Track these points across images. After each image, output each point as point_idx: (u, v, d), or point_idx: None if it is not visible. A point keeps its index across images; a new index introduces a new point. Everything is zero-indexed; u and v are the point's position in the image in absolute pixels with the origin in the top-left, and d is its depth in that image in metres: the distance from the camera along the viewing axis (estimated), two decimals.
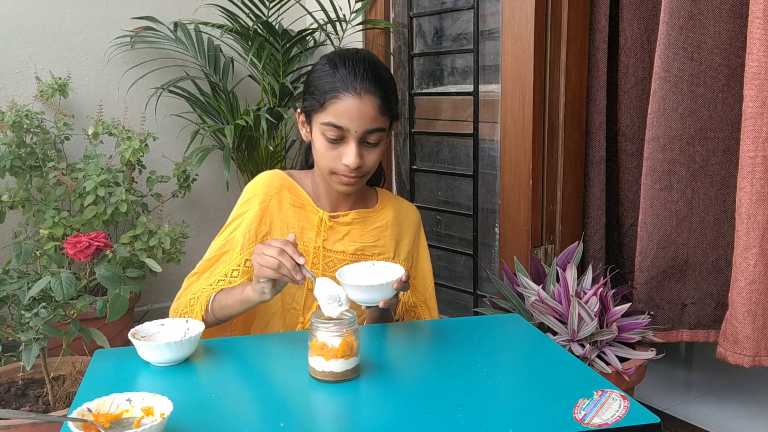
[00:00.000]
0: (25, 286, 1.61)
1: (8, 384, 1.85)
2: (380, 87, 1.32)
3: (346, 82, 1.31)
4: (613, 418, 0.93)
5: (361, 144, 1.34)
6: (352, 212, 1.47)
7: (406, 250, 1.51)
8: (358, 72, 1.31)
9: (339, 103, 1.31)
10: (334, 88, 1.31)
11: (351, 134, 1.32)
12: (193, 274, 1.44)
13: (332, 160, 1.35)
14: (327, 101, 1.32)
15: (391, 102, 1.35)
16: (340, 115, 1.31)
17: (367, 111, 1.31)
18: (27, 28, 2.55)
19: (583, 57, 2.09)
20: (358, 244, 1.46)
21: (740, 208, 1.70)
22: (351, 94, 1.30)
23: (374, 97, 1.31)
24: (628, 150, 2.18)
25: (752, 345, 1.73)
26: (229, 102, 2.69)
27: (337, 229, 1.45)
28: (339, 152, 1.34)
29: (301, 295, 1.44)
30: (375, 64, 1.35)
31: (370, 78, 1.31)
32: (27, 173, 2.31)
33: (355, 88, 1.30)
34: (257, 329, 1.48)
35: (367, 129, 1.32)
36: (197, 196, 2.88)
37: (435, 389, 1.05)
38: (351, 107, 1.30)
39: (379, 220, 1.49)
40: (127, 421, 0.92)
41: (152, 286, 2.80)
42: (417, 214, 1.56)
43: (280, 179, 1.46)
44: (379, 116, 1.33)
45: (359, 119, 1.31)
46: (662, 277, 2.00)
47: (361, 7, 2.64)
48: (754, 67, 1.62)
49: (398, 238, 1.51)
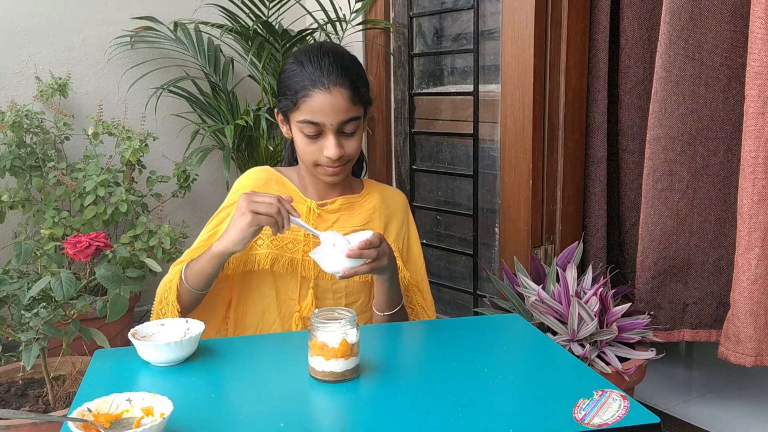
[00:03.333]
0: (25, 286, 1.61)
1: (8, 384, 1.85)
2: (348, 77, 1.36)
3: (313, 78, 1.35)
4: (613, 418, 0.93)
5: (338, 135, 1.38)
6: (340, 198, 1.50)
7: (395, 232, 1.54)
8: (324, 66, 1.35)
9: (310, 100, 1.35)
10: (304, 86, 1.35)
11: (327, 128, 1.36)
12: (177, 263, 1.45)
13: (314, 154, 1.39)
14: (299, 100, 1.36)
15: (360, 90, 1.39)
16: (314, 111, 1.35)
17: (339, 103, 1.35)
18: (27, 28, 2.55)
19: (584, 57, 2.09)
20: (348, 229, 1.48)
21: (742, 208, 1.70)
22: (320, 90, 1.34)
23: (343, 89, 1.35)
24: (629, 150, 2.18)
25: (754, 345, 1.73)
26: (229, 102, 2.69)
27: (325, 217, 1.48)
28: (319, 146, 1.38)
29: (295, 284, 1.46)
30: (340, 56, 1.39)
31: (337, 70, 1.35)
32: (27, 173, 2.31)
33: (323, 83, 1.34)
34: (252, 321, 1.49)
35: (342, 120, 1.36)
36: (197, 196, 2.89)
37: (435, 389, 1.05)
38: (323, 102, 1.34)
39: (366, 204, 1.52)
40: (127, 421, 0.92)
41: (152, 286, 2.77)
42: (404, 198, 1.59)
43: (267, 173, 1.51)
44: (351, 106, 1.37)
45: (333, 113, 1.35)
46: (664, 276, 2.00)
47: (361, 7, 2.64)
48: (755, 67, 1.62)
49: (386, 221, 1.53)
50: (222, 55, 2.78)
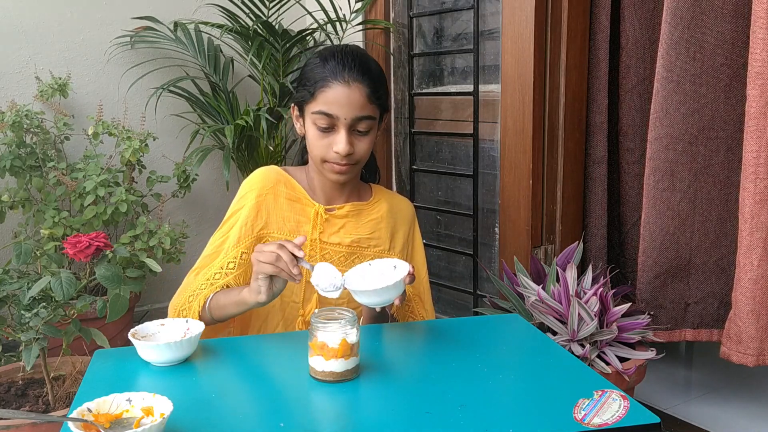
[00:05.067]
0: (25, 286, 1.61)
1: (8, 384, 1.85)
2: (368, 76, 1.37)
3: (335, 71, 1.36)
4: (613, 418, 0.93)
5: (351, 132, 1.38)
6: (348, 205, 1.49)
7: (401, 243, 1.53)
8: (347, 62, 1.36)
9: (328, 91, 1.35)
10: (324, 78, 1.36)
11: (341, 122, 1.36)
12: (193, 270, 1.45)
13: (324, 149, 1.39)
14: (317, 90, 1.37)
15: (379, 91, 1.39)
16: (330, 102, 1.35)
17: (356, 98, 1.35)
18: (27, 28, 2.55)
19: (584, 57, 2.09)
20: (354, 236, 1.48)
21: (743, 208, 1.70)
22: (339, 82, 1.35)
23: (362, 85, 1.36)
24: (630, 149, 2.18)
25: (756, 344, 1.73)
26: (229, 102, 2.69)
27: (332, 222, 1.47)
28: (330, 141, 1.38)
29: (300, 287, 1.45)
30: (364, 57, 1.41)
31: (358, 68, 1.36)
32: (27, 173, 2.31)
33: (343, 76, 1.35)
34: (256, 324, 1.49)
35: (356, 116, 1.36)
36: (197, 196, 2.88)
37: (435, 389, 1.05)
38: (339, 95, 1.35)
39: (374, 212, 1.51)
40: (127, 421, 0.92)
41: (152, 286, 2.79)
42: (411, 208, 1.59)
43: (276, 174, 1.49)
44: (368, 104, 1.37)
45: (348, 106, 1.35)
46: (665, 276, 2.00)
47: (361, 7, 2.64)
48: (757, 66, 1.62)
49: (393, 230, 1.53)
50: (222, 55, 2.78)
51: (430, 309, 1.56)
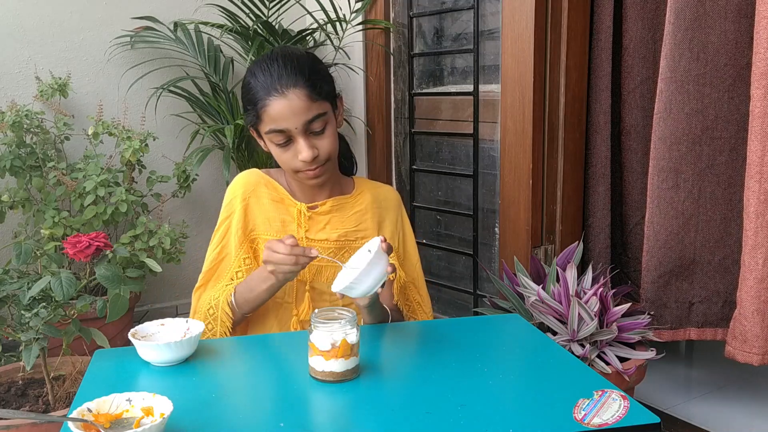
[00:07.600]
0: (25, 286, 1.61)
1: (8, 384, 1.85)
2: (301, 76, 1.33)
3: (267, 87, 1.33)
4: (613, 418, 0.93)
5: (308, 136, 1.36)
6: (330, 200, 1.49)
7: (390, 230, 1.53)
8: (273, 72, 1.34)
9: (269, 108, 1.33)
10: (260, 97, 1.34)
11: (294, 132, 1.35)
12: (198, 288, 1.47)
13: (290, 161, 1.38)
14: (260, 111, 1.35)
15: (318, 85, 1.35)
16: (275, 119, 1.34)
17: (297, 105, 1.33)
18: (27, 28, 2.55)
19: (584, 57, 2.09)
20: (341, 230, 1.48)
21: (748, 208, 1.70)
22: (275, 96, 1.33)
23: (298, 89, 1.33)
24: (633, 149, 2.18)
25: (761, 343, 1.74)
26: (229, 102, 2.69)
27: (317, 219, 1.47)
28: (293, 151, 1.37)
29: (291, 287, 1.45)
30: (289, 57, 1.36)
31: (288, 73, 1.33)
32: (27, 173, 2.31)
33: (276, 89, 1.33)
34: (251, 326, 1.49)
35: (306, 121, 1.34)
36: (197, 196, 2.88)
37: (435, 389, 1.05)
38: (281, 108, 1.33)
39: (357, 204, 1.51)
40: (127, 421, 0.92)
41: (152, 286, 2.79)
42: (396, 195, 1.58)
43: (256, 176, 1.50)
44: (312, 104, 1.34)
45: (293, 116, 1.33)
46: (669, 275, 2.00)
47: (361, 7, 2.64)
48: (761, 66, 1.62)
49: (379, 219, 1.52)
50: (222, 55, 2.78)
51: (425, 295, 1.56)
